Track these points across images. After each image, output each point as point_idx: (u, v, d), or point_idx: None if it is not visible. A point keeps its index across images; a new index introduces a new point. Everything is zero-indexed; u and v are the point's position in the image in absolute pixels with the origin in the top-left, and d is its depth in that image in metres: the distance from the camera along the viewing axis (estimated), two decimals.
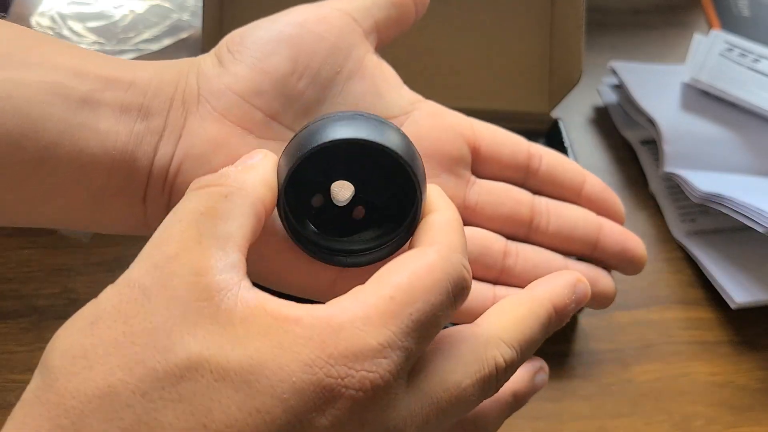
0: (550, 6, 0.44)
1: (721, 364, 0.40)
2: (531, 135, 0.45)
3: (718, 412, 0.38)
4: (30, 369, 0.35)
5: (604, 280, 0.28)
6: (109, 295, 0.17)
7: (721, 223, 0.46)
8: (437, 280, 0.18)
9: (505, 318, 0.21)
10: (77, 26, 0.50)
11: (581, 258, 0.28)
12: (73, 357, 0.16)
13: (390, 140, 0.20)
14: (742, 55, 0.55)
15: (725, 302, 0.42)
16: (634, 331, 0.41)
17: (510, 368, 0.20)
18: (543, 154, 0.28)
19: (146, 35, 0.49)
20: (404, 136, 0.21)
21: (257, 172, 0.20)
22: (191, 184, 0.20)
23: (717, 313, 0.43)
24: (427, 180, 0.22)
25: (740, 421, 0.38)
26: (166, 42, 0.49)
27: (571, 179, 0.28)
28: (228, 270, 0.17)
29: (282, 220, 0.22)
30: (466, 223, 0.25)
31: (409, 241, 0.21)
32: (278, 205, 0.21)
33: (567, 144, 0.43)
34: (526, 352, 0.20)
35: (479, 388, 0.19)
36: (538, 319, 0.21)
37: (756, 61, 0.54)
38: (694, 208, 0.47)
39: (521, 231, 0.27)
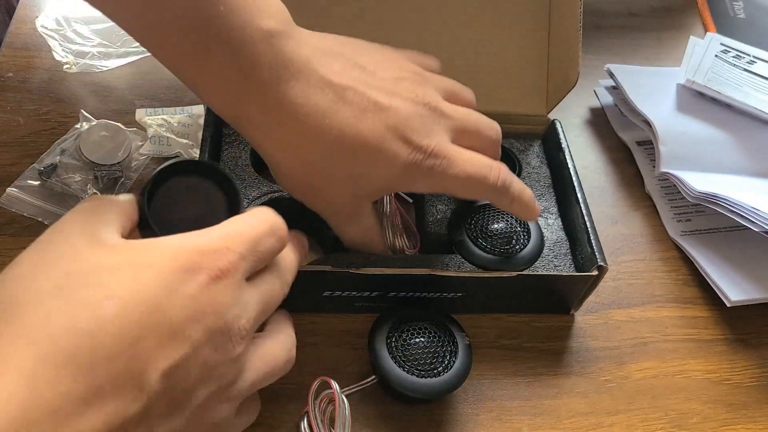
0: (548, 9, 0.45)
1: (716, 361, 0.41)
2: (528, 136, 0.46)
3: (713, 409, 0.38)
4: None
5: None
6: None
7: (716, 223, 0.47)
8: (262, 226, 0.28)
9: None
10: (82, 28, 0.50)
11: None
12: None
13: None
14: (737, 56, 0.55)
15: (720, 300, 0.42)
16: (630, 329, 0.41)
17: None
18: None
19: None
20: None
21: None
22: None
23: (712, 311, 0.43)
24: None
25: (735, 419, 0.38)
26: None
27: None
28: None
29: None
30: None
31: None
32: None
33: (564, 145, 0.44)
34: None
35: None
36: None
37: (751, 62, 0.55)
38: (690, 207, 0.48)
39: None
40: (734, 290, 0.42)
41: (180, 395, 0.23)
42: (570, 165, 0.42)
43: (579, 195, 0.40)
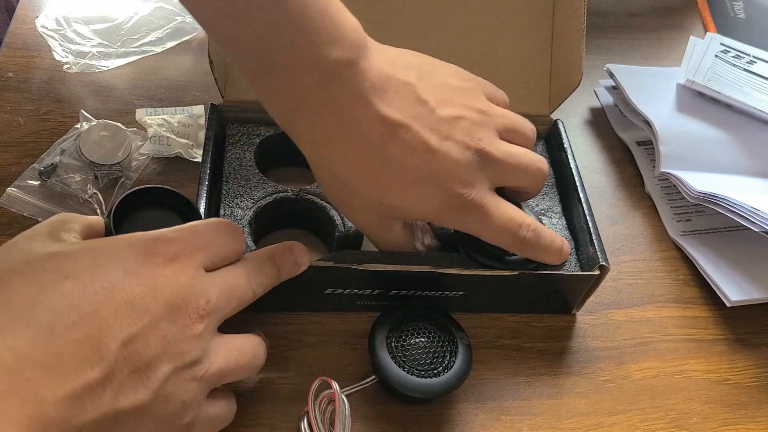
0: (552, 10, 0.45)
1: (716, 361, 0.41)
2: None
3: (713, 409, 0.38)
4: None
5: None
6: None
7: (716, 223, 0.47)
8: (217, 228, 0.30)
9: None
10: (82, 28, 0.50)
11: None
12: None
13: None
14: (737, 56, 0.55)
15: (720, 300, 0.42)
16: (630, 329, 0.41)
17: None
18: None
19: (150, 37, 0.50)
20: None
21: None
22: None
23: (712, 311, 0.43)
24: None
25: (735, 419, 0.38)
26: (170, 44, 0.50)
27: None
28: None
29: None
30: None
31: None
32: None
33: (567, 145, 0.44)
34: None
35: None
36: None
37: (751, 62, 0.55)
38: (690, 207, 0.48)
39: None
40: (734, 290, 0.42)
41: (142, 366, 0.24)
42: (572, 165, 0.42)
43: (581, 195, 0.40)
